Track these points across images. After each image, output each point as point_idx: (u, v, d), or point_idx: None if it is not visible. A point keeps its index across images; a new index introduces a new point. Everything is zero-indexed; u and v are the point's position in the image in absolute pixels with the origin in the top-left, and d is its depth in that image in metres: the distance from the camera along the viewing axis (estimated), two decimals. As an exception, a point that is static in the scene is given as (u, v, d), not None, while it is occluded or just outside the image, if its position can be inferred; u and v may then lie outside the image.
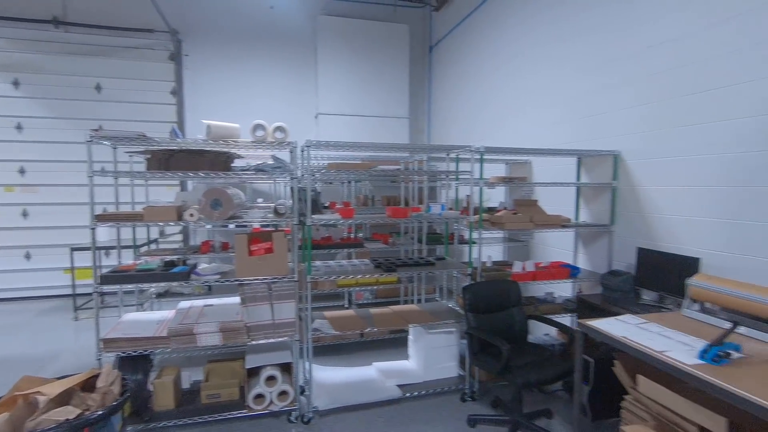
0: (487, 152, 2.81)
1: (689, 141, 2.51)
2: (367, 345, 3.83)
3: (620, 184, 3.02)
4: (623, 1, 2.96)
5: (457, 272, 3.06)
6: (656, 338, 1.68)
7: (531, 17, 4.04)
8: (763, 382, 1.32)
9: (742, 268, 2.22)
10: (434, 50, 6.44)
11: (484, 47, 4.93)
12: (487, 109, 4.88)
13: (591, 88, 3.28)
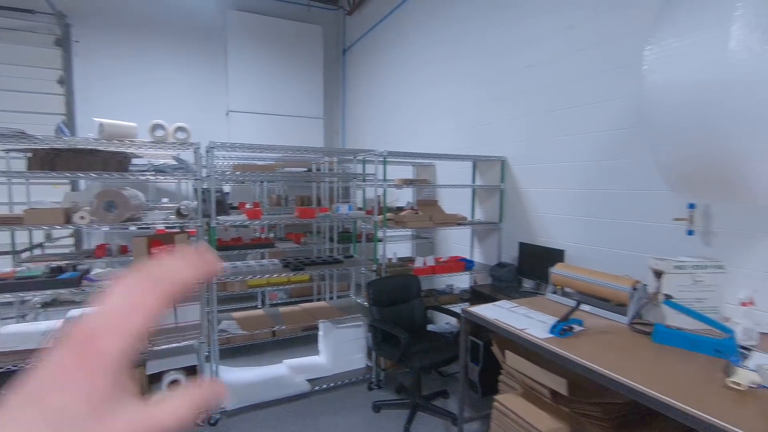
0: (390, 156, 3.01)
1: (559, 150, 2.93)
2: (280, 344, 3.87)
3: (507, 186, 3.41)
4: (509, 26, 3.34)
5: (364, 269, 3.23)
6: (521, 318, 1.98)
7: (433, 33, 4.35)
8: (594, 349, 1.65)
9: (593, 258, 2.67)
10: (348, 53, 6.59)
11: (393, 56, 5.18)
12: (397, 114, 5.14)
13: (482, 100, 3.64)
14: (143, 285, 0.26)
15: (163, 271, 0.27)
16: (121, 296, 0.26)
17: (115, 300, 0.26)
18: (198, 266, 0.28)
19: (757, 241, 1.93)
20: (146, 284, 0.26)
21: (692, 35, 1.41)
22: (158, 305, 0.26)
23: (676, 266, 1.85)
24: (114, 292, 0.26)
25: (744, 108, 1.37)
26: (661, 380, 1.37)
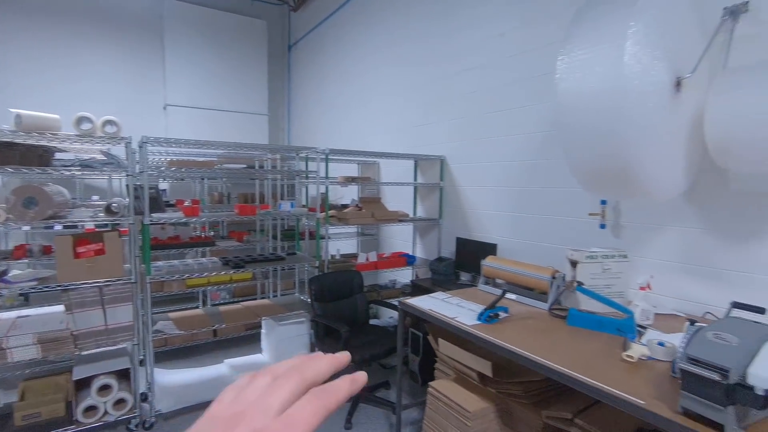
0: (332, 154, 3.05)
1: (491, 150, 3.11)
2: (222, 344, 3.79)
3: (446, 184, 3.56)
4: (447, 33, 3.49)
5: (308, 266, 3.25)
6: (453, 308, 2.11)
7: (376, 34, 4.43)
8: (516, 334, 1.79)
9: (521, 250, 2.87)
10: (293, 49, 6.52)
11: (339, 54, 5.21)
12: (344, 112, 5.17)
13: (422, 101, 3.77)
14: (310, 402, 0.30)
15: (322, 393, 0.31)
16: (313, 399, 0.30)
17: None
18: (354, 384, 0.33)
19: (655, 233, 2.18)
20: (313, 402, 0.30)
21: (595, 48, 1.58)
22: (320, 419, 0.29)
23: (588, 256, 2.05)
24: None
25: (637, 115, 1.55)
26: (571, 358, 1.53)
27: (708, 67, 1.85)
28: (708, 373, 1.05)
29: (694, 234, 2.03)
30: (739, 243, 1.88)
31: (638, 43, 1.52)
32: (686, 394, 1.11)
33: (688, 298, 2.06)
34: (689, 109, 1.75)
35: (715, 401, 1.05)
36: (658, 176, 1.71)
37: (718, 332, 1.11)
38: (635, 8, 1.52)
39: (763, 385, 0.99)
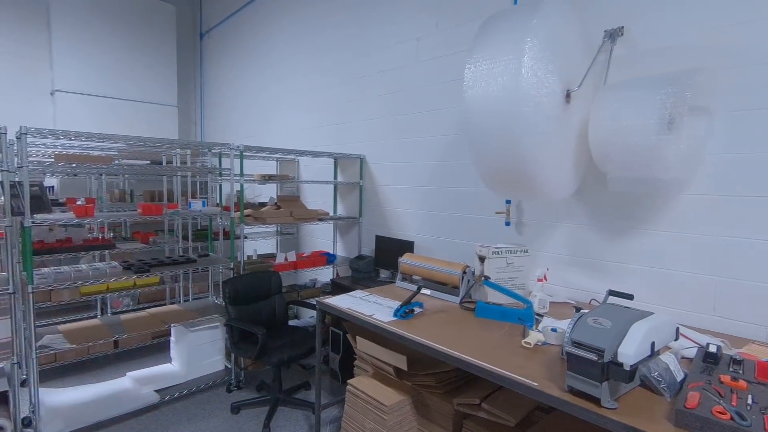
0: (247, 150, 2.94)
1: (408, 150, 3.20)
2: (124, 356, 3.48)
3: (365, 183, 3.60)
4: (365, 30, 3.52)
5: (222, 267, 3.10)
6: (371, 305, 2.15)
7: (293, 27, 4.34)
8: (429, 327, 1.87)
9: (437, 247, 3.00)
10: (206, 38, 6.14)
11: (255, 46, 5.01)
12: (262, 107, 4.98)
13: (341, 99, 3.78)
14: None
15: None
16: None
17: None
18: None
19: (551, 229, 2.41)
20: None
21: (497, 60, 1.71)
22: None
23: (493, 252, 2.21)
24: None
25: (532, 122, 1.70)
26: (477, 348, 1.64)
27: (593, 82, 2.08)
28: (587, 354, 1.19)
29: (581, 230, 2.28)
30: (616, 237, 2.16)
31: (534, 57, 1.66)
32: (571, 374, 1.26)
33: (578, 287, 2.31)
34: (577, 118, 1.96)
35: (593, 378, 1.20)
36: (551, 178, 1.89)
37: (596, 318, 1.27)
38: (531, 26, 1.66)
39: (629, 362, 1.15)
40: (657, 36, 1.98)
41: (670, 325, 1.33)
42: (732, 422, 1.04)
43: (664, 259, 2.00)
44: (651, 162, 1.70)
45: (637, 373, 1.31)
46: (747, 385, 1.23)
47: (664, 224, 2.00)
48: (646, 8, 2.01)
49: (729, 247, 1.82)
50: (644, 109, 1.68)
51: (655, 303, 2.03)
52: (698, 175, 1.89)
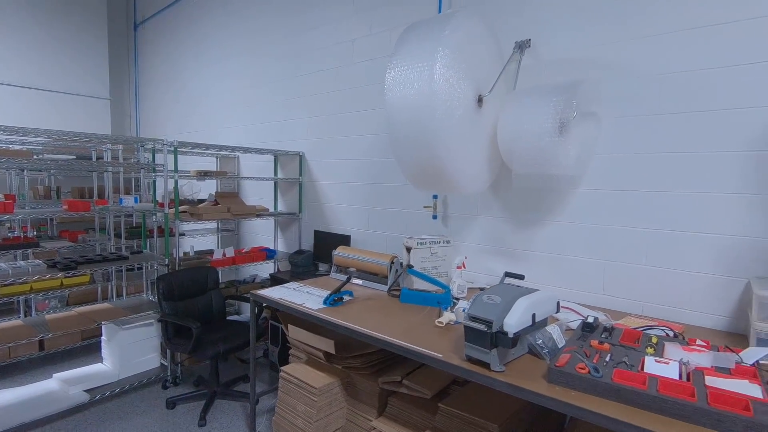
0: (183, 146, 2.94)
1: (344, 147, 3.33)
2: (51, 357, 3.35)
3: (305, 180, 3.69)
4: (303, 30, 3.60)
5: (157, 264, 3.07)
6: (303, 295, 2.26)
7: (232, 22, 4.32)
8: (356, 313, 2.01)
9: (371, 241, 3.16)
10: (140, 29, 5.91)
11: (194, 39, 4.92)
12: (204, 102, 4.89)
13: (283, 96, 3.83)
14: None
15: None
16: None
17: None
18: None
19: (473, 221, 2.63)
20: None
21: (413, 66, 1.87)
22: None
23: (418, 243, 2.39)
24: None
25: (445, 125, 1.89)
26: (397, 329, 1.80)
27: (506, 88, 2.31)
28: (479, 325, 1.38)
29: (496, 221, 2.52)
30: (526, 228, 2.41)
31: (445, 65, 1.84)
32: (467, 344, 1.44)
33: (496, 273, 2.54)
34: (490, 120, 2.17)
35: (484, 346, 1.39)
36: (466, 174, 2.09)
37: (489, 295, 1.46)
38: (443, 36, 1.84)
39: (512, 330, 1.35)
40: (556, 48, 2.24)
41: (550, 300, 1.55)
42: (588, 375, 1.27)
43: (564, 247, 2.27)
44: (546, 161, 1.94)
45: (524, 341, 1.52)
46: (610, 347, 1.47)
47: (563, 215, 2.27)
48: (547, 23, 2.26)
49: (613, 235, 2.11)
50: (539, 115, 1.92)
51: (557, 285, 2.30)
52: (590, 172, 2.17)
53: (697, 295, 1.90)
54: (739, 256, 1.79)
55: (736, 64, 1.76)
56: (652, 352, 1.45)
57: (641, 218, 2.03)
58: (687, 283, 1.92)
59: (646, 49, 1.97)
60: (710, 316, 1.87)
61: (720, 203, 1.83)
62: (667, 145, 1.95)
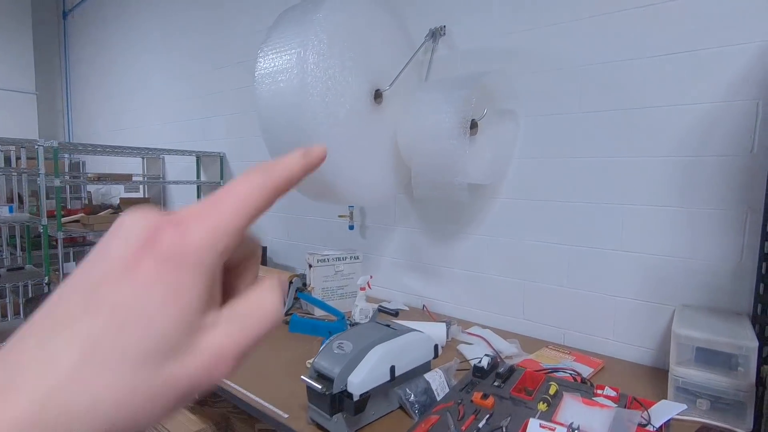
0: (63, 149, 2.57)
1: (263, 148, 2.99)
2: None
3: (226, 183, 3.33)
4: (217, 22, 3.24)
5: (31, 284, 2.70)
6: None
7: (157, 12, 3.94)
8: None
9: (288, 253, 2.85)
10: (70, 17, 5.45)
11: (125, 29, 4.51)
12: (131, 97, 4.48)
13: (203, 92, 3.47)
14: (247, 178, 0.22)
15: (271, 165, 0.23)
16: (222, 191, 0.21)
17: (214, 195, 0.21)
18: (307, 157, 0.24)
19: (391, 233, 2.34)
20: (251, 177, 0.22)
21: (281, 57, 1.55)
22: (262, 199, 0.22)
23: (319, 259, 2.07)
24: None
25: (322, 126, 1.57)
26: (258, 372, 1.49)
27: (416, 82, 2.01)
28: (316, 385, 1.08)
29: (414, 233, 2.23)
30: (444, 241, 2.12)
31: (322, 54, 1.53)
32: (311, 405, 1.14)
33: (413, 292, 2.25)
34: (393, 119, 1.86)
35: (324, 411, 1.09)
36: (361, 184, 1.79)
37: (341, 341, 1.16)
38: (316, 18, 1.52)
39: (357, 391, 1.05)
40: (472, 36, 1.94)
41: (423, 344, 1.26)
42: (443, 453, 0.97)
43: (482, 264, 1.99)
44: (449, 167, 1.64)
45: (392, 395, 1.23)
46: (494, 403, 1.19)
47: (481, 229, 1.98)
48: (462, 7, 1.96)
49: (533, 252, 1.83)
50: (441, 113, 1.62)
51: (475, 307, 2.02)
52: (508, 180, 1.89)
53: (621, 323, 1.63)
54: (666, 279, 1.53)
55: (667, 53, 1.48)
56: (544, 408, 1.17)
57: (562, 233, 1.75)
58: (610, 309, 1.65)
59: (567, 37, 1.69)
60: (634, 347, 1.61)
61: (646, 217, 1.56)
62: (589, 148, 1.67)
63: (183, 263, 0.19)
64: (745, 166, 1.37)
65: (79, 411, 0.16)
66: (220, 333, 0.20)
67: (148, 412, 0.18)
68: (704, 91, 1.42)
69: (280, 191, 0.23)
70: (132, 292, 0.18)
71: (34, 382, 0.16)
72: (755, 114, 1.34)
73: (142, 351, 0.18)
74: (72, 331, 0.17)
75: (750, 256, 1.37)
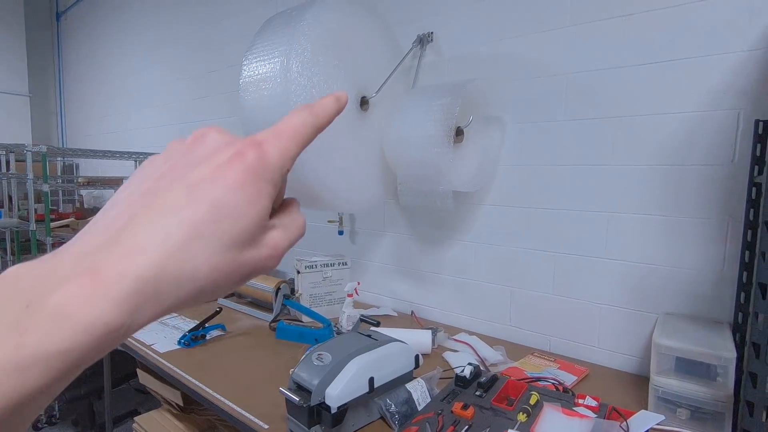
0: (52, 154, 2.56)
1: (255, 153, 2.99)
2: None
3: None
4: (214, 21, 3.24)
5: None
6: (164, 330, 1.92)
7: (151, 13, 3.93)
8: (212, 358, 1.68)
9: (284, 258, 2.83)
10: (63, 19, 5.44)
11: (117, 30, 4.50)
12: (122, 99, 4.48)
13: (193, 97, 3.47)
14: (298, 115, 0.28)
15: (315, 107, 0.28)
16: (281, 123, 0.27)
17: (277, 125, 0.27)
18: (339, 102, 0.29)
19: (380, 238, 2.34)
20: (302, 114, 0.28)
21: (265, 64, 1.55)
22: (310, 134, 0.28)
23: (307, 266, 2.07)
24: None
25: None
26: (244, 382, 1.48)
27: (403, 89, 2.01)
28: (293, 397, 1.07)
29: (403, 239, 2.23)
30: (432, 247, 2.12)
31: (306, 62, 1.53)
32: (290, 417, 1.14)
33: (402, 298, 2.25)
34: (380, 126, 1.86)
35: (302, 423, 1.09)
36: (347, 191, 1.78)
37: (321, 352, 1.16)
38: (300, 26, 1.52)
39: (335, 404, 1.05)
40: (459, 43, 1.95)
41: (403, 354, 1.26)
42: (418, 467, 0.97)
43: (470, 270, 1.99)
44: (434, 175, 1.64)
45: (373, 405, 1.23)
46: (474, 413, 1.19)
47: (469, 235, 1.99)
48: (449, 14, 1.96)
49: (520, 258, 1.83)
50: (426, 121, 1.62)
51: (464, 313, 2.02)
52: (494, 187, 1.89)
53: (605, 330, 1.64)
54: (649, 287, 1.53)
55: (650, 62, 1.48)
56: (523, 419, 1.17)
57: (548, 240, 1.75)
58: (595, 316, 1.66)
59: (552, 45, 1.69)
60: (618, 355, 1.61)
61: (630, 225, 1.56)
62: (573, 156, 1.67)
63: (263, 176, 0.24)
64: (727, 176, 1.37)
65: (184, 276, 0.22)
66: (276, 233, 0.26)
67: (224, 283, 0.23)
68: (687, 100, 1.42)
69: (321, 129, 0.29)
70: (225, 192, 0.23)
71: (155, 249, 0.21)
72: (736, 124, 1.35)
73: (230, 238, 0.23)
74: (181, 217, 0.22)
75: (731, 265, 1.38)
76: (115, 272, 0.20)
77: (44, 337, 0.19)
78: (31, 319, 0.19)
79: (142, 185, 0.24)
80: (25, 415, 0.19)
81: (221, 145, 0.25)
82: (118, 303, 0.20)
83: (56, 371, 0.19)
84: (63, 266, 0.20)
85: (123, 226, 0.22)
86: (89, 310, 0.19)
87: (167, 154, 0.27)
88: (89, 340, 0.20)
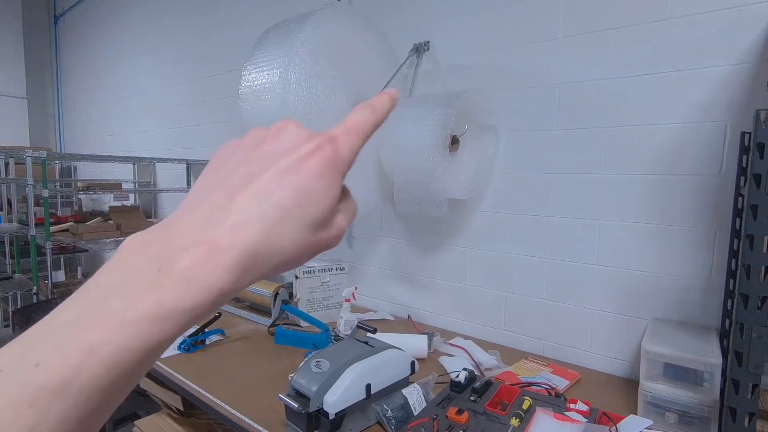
0: (52, 159, 2.58)
1: (253, 157, 3.01)
2: None
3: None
4: (211, 28, 3.26)
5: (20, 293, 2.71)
6: (164, 337, 1.94)
7: (150, 16, 3.95)
8: (212, 363, 1.71)
9: (278, 261, 2.86)
10: (61, 21, 5.44)
11: (115, 33, 4.51)
12: (122, 103, 4.49)
13: (191, 101, 3.49)
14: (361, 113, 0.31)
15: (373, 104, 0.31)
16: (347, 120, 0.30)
17: None
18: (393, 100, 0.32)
19: (377, 243, 2.37)
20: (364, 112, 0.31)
21: (264, 74, 1.58)
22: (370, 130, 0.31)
23: (305, 271, 2.10)
24: None
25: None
26: (243, 388, 1.51)
27: (401, 97, 2.04)
28: (292, 403, 1.10)
29: (399, 244, 2.26)
30: (427, 252, 2.15)
31: (304, 73, 1.56)
32: (289, 423, 1.17)
33: (399, 302, 2.28)
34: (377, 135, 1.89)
35: (302, 428, 1.12)
36: (344, 198, 1.81)
37: (319, 359, 1.19)
38: (298, 38, 1.55)
39: (332, 410, 1.08)
40: (455, 52, 1.98)
41: (400, 361, 1.29)
42: (414, 471, 1.01)
43: (465, 275, 2.02)
44: (429, 184, 1.67)
45: (369, 410, 1.26)
46: (468, 418, 1.22)
47: (463, 240, 2.02)
48: (445, 23, 2.00)
49: (514, 264, 1.87)
50: (422, 130, 1.65)
51: (459, 318, 2.05)
52: (489, 194, 1.92)
53: (598, 335, 1.67)
54: (640, 293, 1.57)
55: (640, 74, 1.52)
56: (516, 424, 1.21)
57: (542, 247, 1.79)
58: (587, 321, 1.69)
59: (546, 56, 1.73)
60: (610, 359, 1.65)
61: (621, 233, 1.60)
62: (566, 165, 1.71)
63: (337, 168, 0.28)
64: (714, 186, 1.41)
65: (275, 250, 0.26)
66: (342, 217, 0.29)
67: (302, 258, 0.28)
68: (676, 112, 1.46)
69: (379, 126, 0.32)
70: (308, 181, 0.26)
71: (255, 226, 0.25)
72: (723, 135, 1.39)
73: (311, 221, 0.27)
74: (273, 200, 0.26)
75: (719, 273, 1.41)
76: (224, 244, 0.24)
77: (178, 295, 0.23)
78: (166, 281, 0.23)
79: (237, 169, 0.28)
80: (151, 361, 0.24)
81: (302, 138, 0.28)
82: (229, 270, 0.24)
83: (183, 325, 0.23)
84: (181, 237, 0.25)
85: (225, 204, 0.26)
86: (210, 273, 0.23)
87: (250, 141, 0.30)
88: (209, 299, 0.24)
